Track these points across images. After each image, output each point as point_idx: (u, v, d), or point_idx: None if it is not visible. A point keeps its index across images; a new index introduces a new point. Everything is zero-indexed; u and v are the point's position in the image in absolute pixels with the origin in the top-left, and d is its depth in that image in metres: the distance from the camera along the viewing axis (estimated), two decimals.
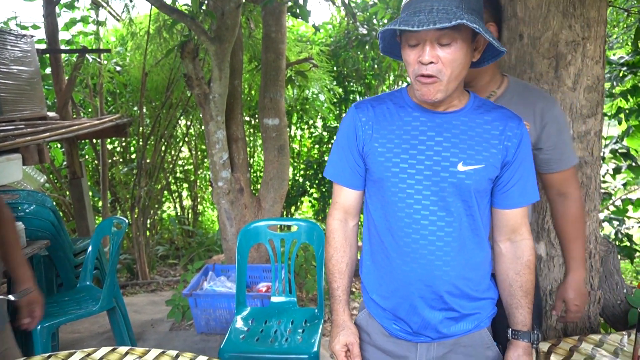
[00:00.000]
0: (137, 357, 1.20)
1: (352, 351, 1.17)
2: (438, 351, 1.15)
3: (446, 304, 1.09)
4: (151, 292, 4.88)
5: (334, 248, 1.21)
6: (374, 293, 1.18)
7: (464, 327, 1.13)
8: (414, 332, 1.13)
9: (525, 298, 1.13)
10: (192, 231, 6.95)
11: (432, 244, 1.07)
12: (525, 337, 1.13)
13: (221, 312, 2.86)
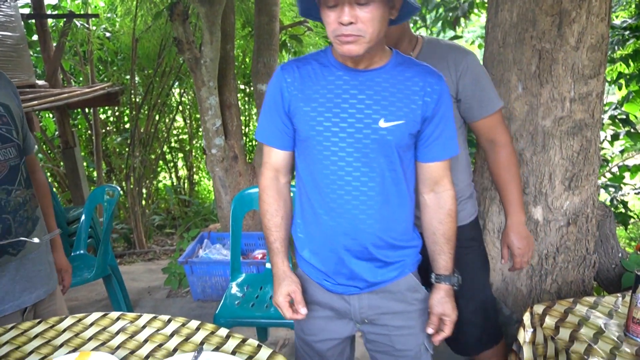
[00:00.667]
0: (128, 322, 1.18)
1: (295, 298, 1.19)
2: (369, 300, 1.21)
3: (371, 254, 1.16)
4: (148, 261, 4.89)
5: (268, 203, 1.23)
6: (304, 250, 1.23)
7: (389, 275, 1.20)
8: (343, 284, 1.20)
9: (447, 245, 1.21)
10: (188, 201, 6.95)
11: (356, 198, 1.12)
12: (447, 281, 1.21)
13: (217, 279, 2.87)
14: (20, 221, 1.25)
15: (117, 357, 1.01)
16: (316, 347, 1.30)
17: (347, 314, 1.24)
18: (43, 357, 1.05)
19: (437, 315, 1.21)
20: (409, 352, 1.26)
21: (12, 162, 1.25)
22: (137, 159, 5.35)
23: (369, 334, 1.28)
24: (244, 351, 1.06)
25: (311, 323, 1.28)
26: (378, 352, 1.30)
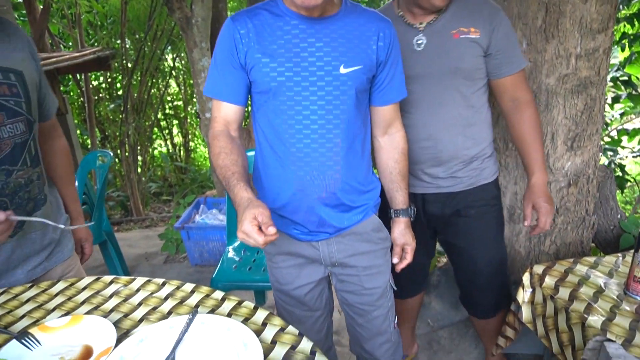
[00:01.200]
0: (121, 285, 1.16)
1: (262, 220, 0.97)
2: (337, 244, 1.26)
3: (339, 200, 1.19)
4: (146, 228, 4.90)
5: (220, 147, 1.13)
6: (271, 204, 1.22)
7: (355, 218, 1.25)
8: (312, 231, 1.23)
9: (403, 182, 1.30)
10: (184, 168, 6.90)
11: (322, 146, 1.13)
12: (406, 214, 1.31)
13: (214, 244, 2.86)
14: (18, 203, 1.16)
15: (111, 321, 0.99)
16: (294, 294, 1.34)
17: (317, 259, 1.29)
18: (35, 321, 1.03)
19: (400, 246, 1.33)
20: (377, 290, 1.33)
21: (19, 138, 1.13)
22: (131, 126, 5.26)
23: (340, 275, 1.33)
24: (240, 313, 1.04)
25: (284, 272, 1.32)
26: (348, 292, 1.35)
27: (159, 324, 0.97)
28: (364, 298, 1.34)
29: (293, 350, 0.92)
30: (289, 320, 1.36)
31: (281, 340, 0.95)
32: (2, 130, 1.10)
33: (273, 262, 1.34)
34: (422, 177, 1.49)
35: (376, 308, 1.35)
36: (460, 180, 1.48)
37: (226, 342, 0.92)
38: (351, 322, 1.43)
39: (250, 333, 0.93)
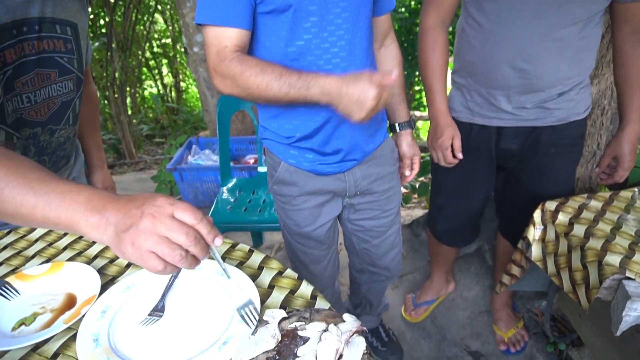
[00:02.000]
0: None
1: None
2: (362, 170, 1.23)
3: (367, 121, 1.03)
4: (139, 171, 4.81)
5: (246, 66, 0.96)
6: (294, 137, 1.12)
7: (379, 140, 1.23)
8: (341, 161, 1.17)
9: (402, 94, 1.27)
10: (176, 109, 6.70)
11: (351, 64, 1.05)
12: (410, 126, 1.30)
13: (208, 185, 2.78)
14: (54, 161, 1.11)
15: (95, 268, 0.92)
16: (314, 235, 1.30)
17: (342, 192, 1.24)
18: (14, 269, 0.96)
19: (410, 158, 1.33)
20: (394, 210, 1.36)
21: (66, 97, 1.04)
22: (117, 65, 5.01)
23: (359, 204, 1.31)
24: (234, 257, 0.97)
25: (306, 214, 1.26)
26: (365, 219, 1.34)
27: (145, 270, 0.90)
28: (382, 221, 1.35)
29: (292, 295, 0.86)
30: (306, 262, 1.38)
31: (279, 285, 0.88)
32: (52, 88, 1.00)
33: (293, 205, 1.24)
34: (503, 106, 1.31)
35: (392, 226, 1.38)
36: (549, 113, 1.30)
37: (220, 287, 0.86)
38: (364, 245, 1.41)
39: (246, 278, 0.86)
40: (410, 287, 2.06)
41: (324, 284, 1.46)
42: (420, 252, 2.24)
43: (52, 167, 1.12)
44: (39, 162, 1.07)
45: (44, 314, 0.82)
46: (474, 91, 1.35)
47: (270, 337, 0.68)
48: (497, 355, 1.69)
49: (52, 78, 1.00)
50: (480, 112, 1.36)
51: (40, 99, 0.99)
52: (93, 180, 1.38)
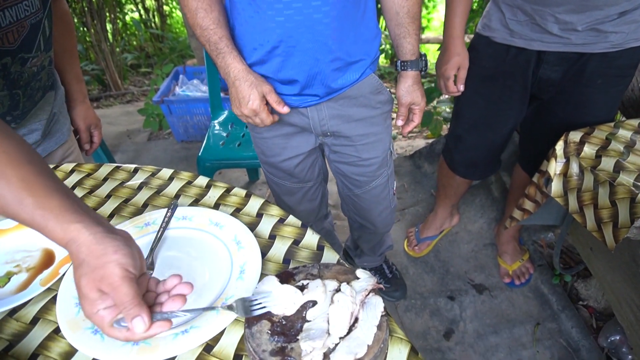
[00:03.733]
0: (85, 174, 0.97)
1: (272, 98, 0.97)
2: (329, 109, 1.08)
3: (331, 52, 0.95)
4: (127, 103, 4.61)
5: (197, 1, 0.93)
6: (247, 59, 0.99)
7: (351, 77, 1.03)
8: (299, 94, 1.03)
9: (412, 25, 1.05)
10: (161, 35, 6.30)
11: None
12: (415, 66, 1.08)
13: (199, 118, 2.63)
14: (30, 94, 0.99)
15: None
16: (282, 167, 1.22)
17: (307, 127, 1.12)
18: None
19: (406, 106, 1.13)
20: (375, 160, 1.20)
21: (34, 18, 0.89)
22: None
23: (333, 145, 1.18)
24: (230, 202, 0.87)
25: (269, 143, 1.17)
26: (342, 162, 1.22)
27: (133, 220, 0.80)
28: (362, 169, 1.22)
29: (297, 246, 0.77)
30: (278, 192, 1.31)
31: (281, 234, 0.79)
32: (18, 8, 0.85)
33: (256, 132, 1.18)
34: (549, 27, 1.13)
35: (375, 178, 1.25)
36: (603, 37, 1.11)
37: (215, 240, 0.77)
38: (347, 192, 1.32)
39: (244, 229, 0.77)
40: (413, 220, 2.01)
41: (303, 217, 1.37)
42: (423, 184, 2.17)
43: (27, 101, 0.99)
44: (11, 97, 0.94)
45: (19, 273, 0.74)
46: (516, 8, 1.16)
47: None
48: (501, 288, 1.67)
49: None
50: (521, 32, 1.18)
51: (5, 23, 0.85)
52: (74, 116, 1.24)
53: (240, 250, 0.74)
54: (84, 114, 1.26)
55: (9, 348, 0.63)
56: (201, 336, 0.60)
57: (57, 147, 1.15)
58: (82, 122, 1.25)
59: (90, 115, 1.27)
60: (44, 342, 0.63)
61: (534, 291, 1.64)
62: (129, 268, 0.50)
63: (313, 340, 0.55)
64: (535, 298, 1.62)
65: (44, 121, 1.08)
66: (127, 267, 0.50)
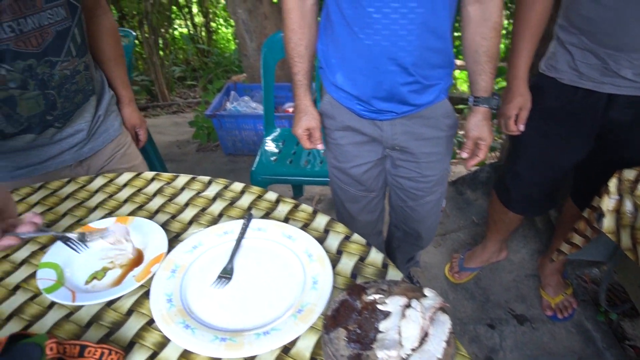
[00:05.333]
0: (164, 183, 1.06)
1: (313, 136, 1.23)
2: (402, 126, 1.17)
3: (411, 75, 1.06)
4: (173, 114, 4.81)
5: (291, 30, 1.12)
6: (337, 75, 1.14)
7: (426, 99, 1.12)
8: (378, 110, 1.13)
9: (489, 63, 1.09)
10: (207, 50, 6.56)
11: (396, 11, 0.96)
12: (486, 103, 1.13)
13: (247, 133, 2.74)
14: (66, 96, 1.07)
15: (158, 223, 0.90)
16: (351, 173, 1.30)
17: (378, 139, 1.22)
18: (78, 220, 0.96)
19: (473, 140, 1.17)
20: (433, 177, 1.28)
21: (60, 26, 0.98)
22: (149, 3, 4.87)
23: (397, 159, 1.27)
24: (298, 218, 0.94)
25: (343, 149, 1.26)
26: (402, 177, 1.30)
27: (213, 229, 0.88)
28: (420, 184, 1.30)
29: (362, 262, 0.83)
30: (343, 198, 1.40)
31: (347, 250, 0.85)
32: (41, 16, 0.95)
33: (332, 139, 1.27)
34: (622, 72, 1.12)
35: (430, 194, 1.33)
36: None
37: (287, 251, 0.83)
38: (400, 203, 1.40)
39: (315, 243, 0.83)
40: (453, 245, 2.03)
41: (361, 227, 1.46)
42: (464, 211, 2.19)
43: (65, 102, 1.09)
44: (44, 96, 1.04)
45: (113, 269, 0.82)
46: (587, 51, 1.16)
47: None
48: (542, 320, 1.67)
49: (38, 5, 0.95)
50: (591, 75, 1.18)
51: (27, 29, 0.94)
52: None
53: (312, 263, 0.80)
54: (129, 115, 1.36)
55: (109, 334, 0.70)
56: (281, 338, 0.66)
57: (105, 145, 1.26)
58: (127, 123, 1.36)
59: (135, 117, 1.38)
60: (139, 332, 0.70)
61: (577, 326, 1.63)
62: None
63: (388, 349, 0.61)
64: (578, 333, 1.61)
65: (88, 122, 1.18)
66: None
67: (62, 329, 0.72)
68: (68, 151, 1.17)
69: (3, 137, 1.05)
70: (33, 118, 1.04)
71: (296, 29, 1.11)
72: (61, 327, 0.72)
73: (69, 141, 1.16)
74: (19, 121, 1.03)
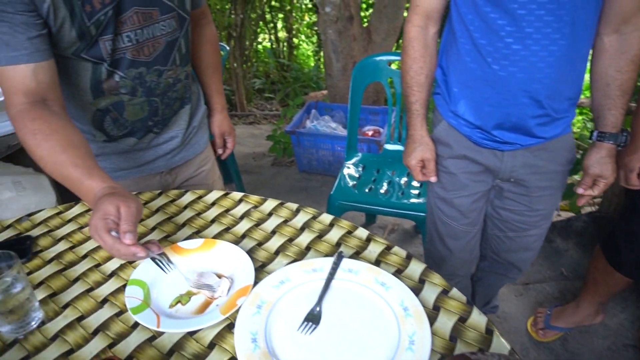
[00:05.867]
0: (252, 206, 1.04)
1: (427, 167, 1.19)
2: (524, 158, 1.11)
3: (542, 108, 1.00)
4: (249, 125, 4.93)
5: (413, 58, 1.10)
6: (458, 104, 1.09)
7: (553, 131, 1.06)
8: (501, 140, 1.08)
9: (621, 98, 1.00)
10: (287, 65, 6.72)
11: (537, 43, 0.92)
12: (613, 139, 1.03)
13: (324, 152, 2.72)
14: (167, 103, 1.11)
15: (244, 248, 0.87)
16: (457, 203, 1.24)
17: (495, 170, 1.16)
18: (166, 236, 0.95)
19: (592, 177, 1.09)
20: (542, 212, 1.21)
21: (170, 37, 1.02)
22: (239, 18, 5.07)
23: (507, 191, 1.20)
24: (391, 262, 0.87)
25: (454, 178, 1.20)
26: (507, 209, 1.24)
27: (301, 265, 0.83)
28: (526, 218, 1.23)
29: (462, 324, 0.74)
30: (443, 233, 1.32)
31: (446, 307, 0.77)
32: (155, 27, 0.98)
33: (442, 166, 1.21)
34: None
35: (534, 227, 1.25)
36: None
37: (380, 300, 0.76)
38: (497, 232, 1.31)
39: (411, 295, 0.76)
40: (538, 298, 1.85)
41: (457, 267, 1.38)
42: (552, 260, 2.00)
43: (166, 108, 1.11)
44: (149, 103, 1.06)
45: (198, 294, 0.80)
46: None
47: None
48: None
49: (154, 17, 0.96)
50: None
51: (143, 39, 0.96)
52: (211, 123, 1.37)
53: (408, 318, 0.72)
54: (220, 122, 1.37)
55: None
56: None
57: (194, 156, 1.27)
58: (217, 129, 1.37)
59: (225, 124, 1.38)
60: None
61: None
62: (140, 210, 0.76)
63: None
64: None
65: (183, 130, 1.20)
66: (140, 208, 0.76)
67: (145, 354, 0.69)
68: (162, 157, 1.20)
69: (110, 139, 1.09)
70: (137, 123, 1.08)
71: (418, 57, 1.09)
72: (144, 351, 0.70)
73: (163, 147, 1.19)
74: (124, 125, 1.07)
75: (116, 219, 0.73)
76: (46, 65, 0.84)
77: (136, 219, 0.74)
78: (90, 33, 0.87)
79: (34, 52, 0.82)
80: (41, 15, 0.81)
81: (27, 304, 0.73)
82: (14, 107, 0.83)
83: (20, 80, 0.82)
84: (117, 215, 0.73)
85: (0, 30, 0.78)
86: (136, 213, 0.74)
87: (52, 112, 0.85)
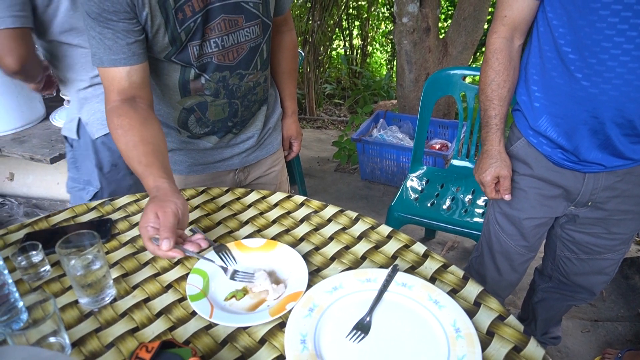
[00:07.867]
0: (312, 211, 1.06)
1: (502, 184, 1.14)
2: (607, 180, 1.05)
3: (634, 129, 0.95)
4: (317, 129, 5.01)
5: (496, 71, 1.06)
6: (540, 120, 1.05)
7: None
8: (583, 161, 1.03)
9: None
10: (359, 72, 6.75)
11: (635, 60, 0.87)
12: None
13: (388, 162, 2.70)
14: (247, 105, 1.17)
15: (300, 252, 0.90)
16: (520, 224, 1.20)
17: (574, 193, 1.10)
18: (230, 232, 1.00)
19: None
20: (621, 236, 1.15)
21: (253, 42, 1.07)
22: (317, 24, 5.18)
23: (583, 216, 1.15)
24: (447, 280, 0.85)
25: (523, 195, 1.16)
26: (581, 232, 1.18)
27: (356, 273, 0.84)
28: (602, 241, 1.17)
29: (517, 353, 0.71)
30: (496, 250, 1.28)
31: (500, 334, 0.74)
32: (239, 33, 1.03)
33: (514, 182, 1.18)
34: None
35: (611, 251, 1.19)
36: None
37: (432, 318, 0.75)
38: (567, 254, 1.25)
39: (464, 317, 0.74)
40: (607, 337, 1.72)
41: (501, 288, 1.33)
42: (628, 298, 1.85)
43: (245, 110, 1.17)
44: (230, 105, 1.12)
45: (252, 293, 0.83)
46: None
47: None
48: None
49: (239, 24, 1.00)
50: None
51: (228, 44, 1.01)
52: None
53: (459, 340, 0.71)
54: (289, 125, 1.41)
55: (240, 358, 0.70)
56: None
57: (267, 156, 1.33)
58: (285, 132, 1.41)
59: (294, 128, 1.43)
60: None
61: None
62: (179, 210, 0.79)
63: None
64: None
65: (259, 130, 1.25)
66: (179, 208, 0.80)
67: (201, 340, 0.74)
68: (238, 156, 1.27)
69: (193, 137, 1.17)
70: (217, 123, 1.15)
71: (502, 70, 1.06)
72: (200, 338, 0.74)
73: (240, 146, 1.26)
74: (206, 124, 1.14)
75: (156, 225, 0.78)
76: (139, 67, 0.93)
77: (173, 223, 0.77)
78: (180, 39, 0.94)
79: (131, 56, 0.90)
80: (140, 22, 0.89)
81: (103, 281, 0.80)
82: (108, 104, 0.93)
83: (117, 81, 0.91)
84: (157, 221, 0.78)
85: (105, 36, 0.87)
86: (172, 216, 0.78)
87: (138, 108, 0.92)
